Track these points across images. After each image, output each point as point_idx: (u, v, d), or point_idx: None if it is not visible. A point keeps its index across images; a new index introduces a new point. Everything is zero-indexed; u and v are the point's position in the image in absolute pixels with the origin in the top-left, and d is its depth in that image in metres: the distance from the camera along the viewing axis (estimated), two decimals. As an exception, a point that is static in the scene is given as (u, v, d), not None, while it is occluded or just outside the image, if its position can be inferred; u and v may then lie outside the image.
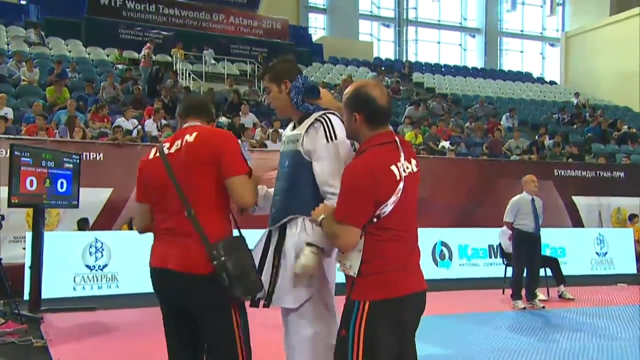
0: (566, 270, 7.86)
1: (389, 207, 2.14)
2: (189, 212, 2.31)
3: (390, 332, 2.15)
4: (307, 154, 2.53)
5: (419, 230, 2.39)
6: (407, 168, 2.23)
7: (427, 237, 8.80)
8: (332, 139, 2.49)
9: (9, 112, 10.12)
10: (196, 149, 2.37)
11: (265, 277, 2.53)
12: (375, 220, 2.15)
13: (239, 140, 2.49)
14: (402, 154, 2.22)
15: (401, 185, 2.16)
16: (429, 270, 8.63)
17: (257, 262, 2.55)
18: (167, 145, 2.50)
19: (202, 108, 2.60)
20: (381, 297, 2.14)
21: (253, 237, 2.65)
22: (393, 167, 2.17)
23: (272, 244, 2.60)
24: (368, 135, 2.26)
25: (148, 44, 15.41)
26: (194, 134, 2.41)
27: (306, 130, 2.55)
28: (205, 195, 2.35)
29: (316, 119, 2.56)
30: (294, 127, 2.67)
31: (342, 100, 2.35)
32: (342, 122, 2.50)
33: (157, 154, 2.50)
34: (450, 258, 8.99)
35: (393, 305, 2.15)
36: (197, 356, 2.47)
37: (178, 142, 2.44)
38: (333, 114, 2.60)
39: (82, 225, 7.92)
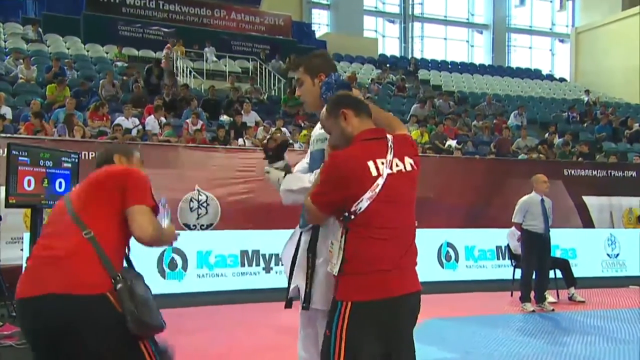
0: (576, 272, 7.84)
1: (364, 202, 2.17)
2: (87, 232, 2.19)
3: (373, 335, 2.15)
4: None
5: (424, 230, 2.41)
6: (397, 165, 2.26)
7: (433, 238, 8.79)
8: None
9: (7, 111, 10.15)
10: (105, 173, 2.41)
11: (300, 279, 2.55)
12: (352, 217, 2.19)
13: (162, 203, 2.53)
14: (390, 151, 2.26)
15: (380, 181, 2.18)
16: (435, 272, 8.63)
17: (288, 263, 2.61)
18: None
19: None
20: (364, 298, 2.16)
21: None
22: (370, 163, 2.21)
23: (302, 244, 2.61)
24: (359, 128, 2.33)
25: (168, 44, 15.44)
26: (108, 169, 2.48)
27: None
28: (104, 218, 2.27)
29: None
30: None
31: (324, 116, 2.42)
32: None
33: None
34: (457, 259, 8.97)
35: (377, 308, 2.16)
36: None
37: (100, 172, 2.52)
38: None
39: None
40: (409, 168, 2.30)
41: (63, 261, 2.13)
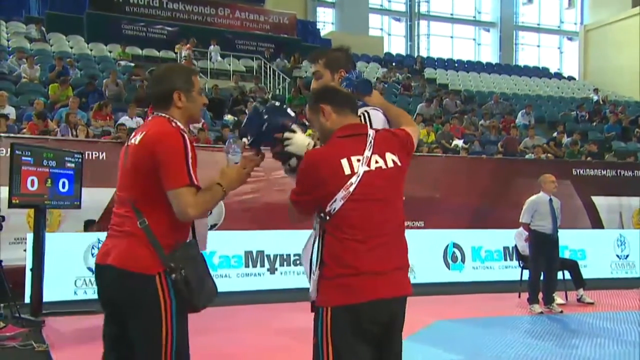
0: (585, 273, 7.80)
1: (338, 202, 2.12)
2: (142, 222, 2.27)
3: (359, 338, 2.11)
4: None
5: (430, 231, 2.40)
6: (376, 162, 2.19)
7: (439, 239, 8.77)
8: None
9: (11, 111, 10.19)
10: (137, 155, 2.31)
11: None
12: (327, 217, 2.15)
13: (230, 137, 2.50)
14: (369, 148, 2.19)
15: (354, 179, 2.13)
16: (441, 273, 8.62)
17: (307, 266, 2.54)
18: (133, 137, 2.42)
19: (158, 97, 2.41)
20: (342, 302, 2.11)
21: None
22: (344, 161, 2.15)
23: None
24: (338, 124, 2.27)
25: (188, 44, 15.45)
26: (142, 135, 2.33)
27: None
28: (153, 202, 2.28)
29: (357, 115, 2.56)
30: None
31: (307, 110, 2.37)
32: (386, 118, 2.56)
33: (127, 143, 2.44)
34: (463, 260, 8.95)
35: (357, 312, 2.10)
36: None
37: (137, 137, 2.37)
38: (376, 109, 2.61)
39: (89, 226, 7.96)
40: (390, 164, 2.21)
41: (124, 239, 2.30)
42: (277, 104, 2.61)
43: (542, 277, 6.91)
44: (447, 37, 27.78)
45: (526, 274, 7.30)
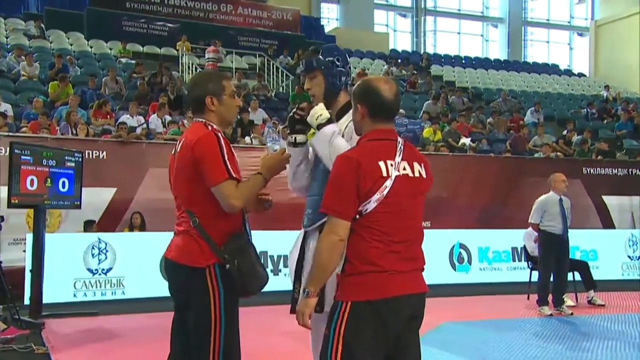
0: (596, 274, 7.79)
1: (371, 204, 2.19)
2: (194, 221, 2.52)
3: (372, 335, 2.17)
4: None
5: (436, 231, 2.43)
6: (404, 169, 2.27)
7: (445, 239, 8.76)
8: None
9: (7, 108, 10.23)
10: (179, 162, 2.59)
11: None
12: (357, 217, 2.20)
13: (268, 125, 2.66)
14: (399, 154, 2.27)
15: (388, 183, 2.20)
16: (446, 274, 8.61)
17: (293, 267, 2.73)
18: (177, 143, 2.69)
19: (193, 103, 2.70)
20: (363, 298, 2.18)
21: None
22: (381, 163, 2.23)
23: (309, 247, 2.66)
24: (369, 129, 2.34)
25: (213, 47, 15.47)
26: (181, 144, 2.61)
27: (346, 126, 2.67)
28: (201, 201, 2.53)
29: None
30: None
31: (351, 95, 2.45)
32: None
33: (173, 152, 2.71)
34: (470, 261, 8.93)
35: (375, 308, 2.17)
36: (184, 345, 2.63)
37: (178, 145, 2.65)
38: None
39: (88, 227, 7.99)
40: (417, 174, 2.31)
41: (181, 237, 2.59)
42: None
43: (551, 279, 6.90)
44: (454, 33, 27.72)
45: (535, 275, 7.28)
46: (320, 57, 2.79)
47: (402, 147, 2.30)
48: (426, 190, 2.37)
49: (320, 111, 2.63)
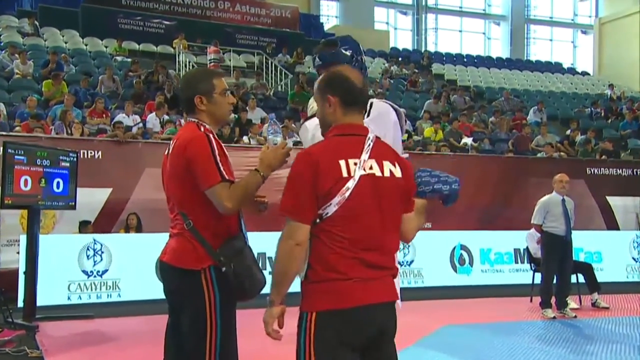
0: (600, 276, 7.79)
1: (332, 207, 2.06)
2: (188, 223, 2.52)
3: (343, 348, 2.07)
4: None
5: (436, 232, 2.38)
6: (371, 168, 2.12)
7: (446, 240, 8.77)
8: (367, 116, 2.59)
9: (1, 107, 10.21)
10: (171, 163, 2.58)
11: None
12: (317, 220, 2.09)
13: (270, 117, 2.62)
14: (367, 151, 2.13)
15: (350, 184, 2.07)
16: (447, 276, 8.62)
17: None
18: (170, 144, 2.68)
19: (184, 103, 2.67)
20: (327, 307, 2.08)
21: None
22: (342, 162, 2.09)
23: None
24: (339, 122, 2.20)
25: (213, 47, 15.48)
26: (172, 145, 2.61)
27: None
28: (194, 203, 2.52)
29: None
30: None
31: (315, 89, 2.33)
32: (393, 107, 2.69)
33: (166, 152, 2.69)
34: (471, 263, 8.94)
35: (343, 317, 2.07)
36: (178, 350, 2.63)
37: (170, 147, 2.64)
38: (386, 102, 2.76)
39: (84, 228, 7.99)
40: (387, 174, 2.15)
41: (176, 239, 2.59)
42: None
43: (554, 281, 6.90)
44: (455, 31, 27.74)
45: (538, 277, 7.28)
46: (341, 49, 2.75)
47: (371, 144, 2.16)
48: (401, 191, 2.19)
49: (312, 103, 2.55)
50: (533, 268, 7.73)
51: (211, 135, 2.54)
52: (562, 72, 22.77)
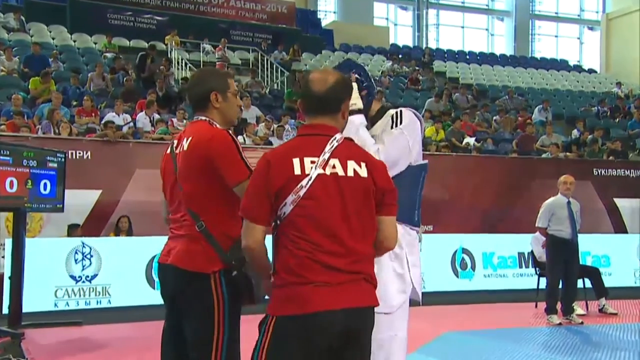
0: (608, 281, 7.81)
1: (288, 207, 2.10)
2: (200, 225, 2.51)
3: (296, 354, 2.08)
4: None
5: (437, 235, 2.39)
6: (333, 167, 2.13)
7: (447, 244, 8.77)
8: (396, 125, 2.80)
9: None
10: (189, 160, 2.56)
11: None
12: (277, 222, 2.14)
13: (290, 123, 2.66)
14: (329, 150, 2.15)
15: (305, 182, 2.09)
16: (448, 281, 8.63)
17: None
18: (175, 143, 2.69)
19: (197, 99, 2.70)
20: (286, 312, 2.10)
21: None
22: (295, 160, 2.12)
23: None
24: (307, 123, 2.32)
25: (220, 46, 15.49)
26: (189, 140, 2.58)
27: (382, 130, 2.82)
28: (210, 203, 2.53)
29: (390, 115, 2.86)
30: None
31: None
32: (416, 116, 2.87)
33: (169, 151, 2.71)
34: (473, 268, 8.95)
35: (300, 323, 2.07)
36: (178, 356, 2.62)
37: (183, 143, 2.62)
38: (411, 111, 2.90)
39: (72, 231, 7.98)
40: (351, 174, 2.15)
41: (183, 241, 2.57)
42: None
43: (560, 286, 6.91)
44: (457, 27, 27.77)
45: (543, 282, 7.30)
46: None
47: (336, 144, 2.17)
48: (366, 191, 2.17)
49: (354, 100, 2.62)
50: (538, 272, 7.75)
51: (230, 132, 2.58)
52: (568, 70, 22.81)
